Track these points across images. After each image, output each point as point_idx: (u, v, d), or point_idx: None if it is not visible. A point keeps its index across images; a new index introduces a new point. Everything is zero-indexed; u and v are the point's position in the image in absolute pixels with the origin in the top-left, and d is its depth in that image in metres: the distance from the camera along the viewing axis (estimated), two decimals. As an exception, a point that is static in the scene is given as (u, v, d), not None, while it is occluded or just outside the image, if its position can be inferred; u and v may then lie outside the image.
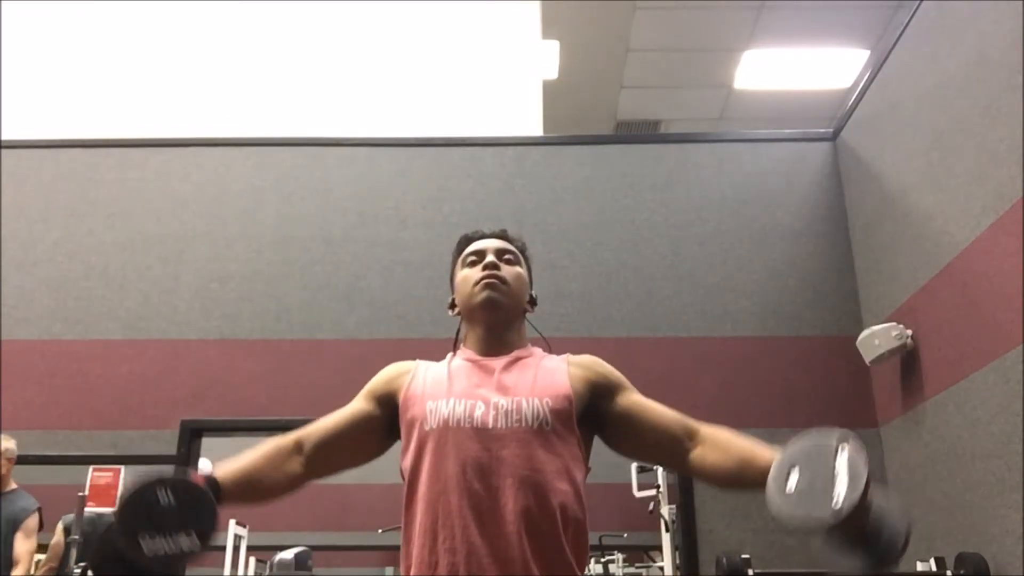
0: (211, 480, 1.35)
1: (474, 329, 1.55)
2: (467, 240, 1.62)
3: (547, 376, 1.46)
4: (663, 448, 1.46)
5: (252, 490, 1.44)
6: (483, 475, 1.34)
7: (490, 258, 1.54)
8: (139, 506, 1.27)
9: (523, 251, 1.64)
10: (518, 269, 1.57)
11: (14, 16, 4.90)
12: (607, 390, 1.49)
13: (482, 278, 1.51)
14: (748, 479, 1.32)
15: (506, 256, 1.57)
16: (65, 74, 4.84)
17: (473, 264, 1.56)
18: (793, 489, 1.19)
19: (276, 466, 1.46)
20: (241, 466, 1.43)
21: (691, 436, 1.43)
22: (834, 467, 1.18)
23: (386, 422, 1.51)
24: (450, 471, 1.35)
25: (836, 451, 1.19)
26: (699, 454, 1.41)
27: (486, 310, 1.51)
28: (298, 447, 1.49)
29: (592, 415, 1.47)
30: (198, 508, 1.30)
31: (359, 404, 1.54)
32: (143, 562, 1.25)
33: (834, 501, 1.13)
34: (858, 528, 1.17)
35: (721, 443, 1.40)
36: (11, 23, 4.87)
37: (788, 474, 1.21)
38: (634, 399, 1.49)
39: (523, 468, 1.34)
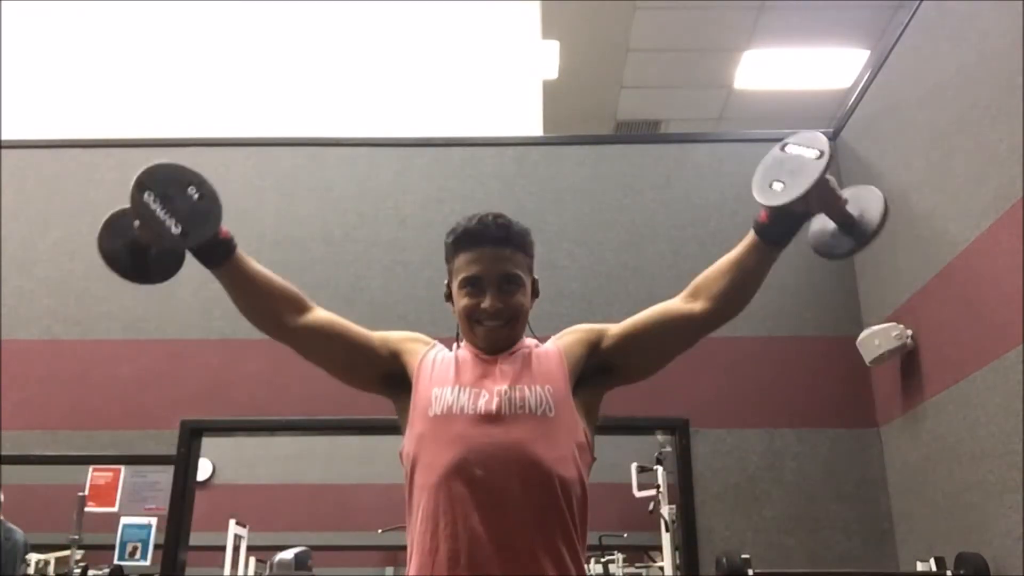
0: (230, 240, 1.42)
1: (474, 342, 1.55)
2: (466, 239, 1.54)
3: (546, 363, 1.48)
4: (676, 327, 1.51)
5: (247, 284, 1.47)
6: (486, 462, 1.34)
7: (489, 301, 1.47)
8: (169, 176, 1.37)
9: (525, 242, 1.56)
10: (519, 297, 1.51)
11: (14, 16, 4.90)
12: (597, 337, 1.53)
13: (483, 323, 1.49)
14: (749, 257, 1.47)
15: (508, 283, 1.50)
16: (65, 74, 4.84)
17: (472, 293, 1.50)
18: (777, 185, 1.41)
19: (278, 298, 1.49)
20: (257, 266, 1.48)
21: (687, 297, 1.51)
22: (792, 155, 1.43)
23: (381, 369, 1.52)
24: (453, 458, 1.35)
25: (777, 149, 1.47)
26: (706, 297, 1.48)
27: (487, 346, 1.51)
28: (304, 308, 1.52)
29: (600, 369, 1.50)
30: (206, 219, 1.37)
31: (373, 337, 1.56)
32: (133, 216, 1.36)
33: (809, 171, 1.35)
34: (837, 203, 1.42)
35: (711, 273, 1.50)
36: (11, 23, 4.87)
37: (768, 183, 1.43)
38: (621, 325, 1.54)
39: (526, 455, 1.35)
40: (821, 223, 1.51)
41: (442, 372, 1.47)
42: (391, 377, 1.52)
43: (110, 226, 1.46)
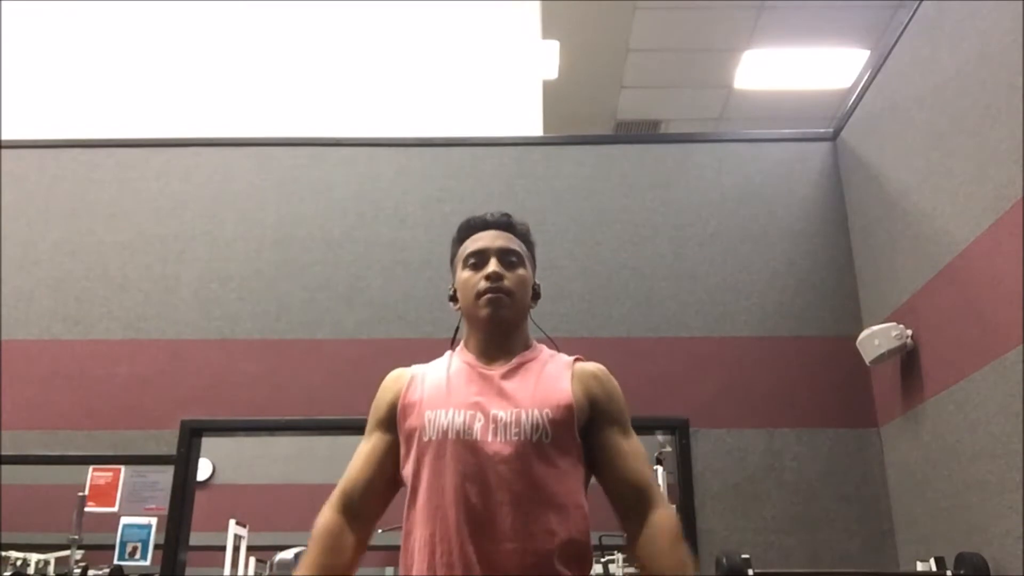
0: None
1: (475, 334, 1.53)
2: (469, 228, 1.57)
3: (549, 384, 1.44)
4: (616, 501, 1.46)
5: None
6: (481, 490, 1.33)
7: (492, 267, 1.49)
8: None
9: (527, 237, 1.60)
10: (521, 272, 1.52)
11: (14, 16, 4.90)
12: (603, 414, 1.47)
13: (485, 291, 1.47)
14: None
15: (510, 258, 1.52)
16: (65, 74, 4.84)
17: (475, 267, 1.51)
18: None
19: (339, 548, 1.45)
20: (311, 571, 1.42)
21: (642, 512, 1.43)
22: None
23: (396, 437, 1.50)
24: (448, 485, 1.34)
25: None
26: (639, 536, 1.42)
27: (490, 324, 1.49)
28: (346, 513, 1.48)
29: (583, 428, 1.46)
30: None
31: (374, 438, 1.52)
32: None
33: None
34: None
35: (653, 546, 1.41)
36: (11, 23, 4.87)
37: None
38: (618, 442, 1.46)
39: (521, 483, 1.33)
40: None
41: (434, 394, 1.45)
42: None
43: None
